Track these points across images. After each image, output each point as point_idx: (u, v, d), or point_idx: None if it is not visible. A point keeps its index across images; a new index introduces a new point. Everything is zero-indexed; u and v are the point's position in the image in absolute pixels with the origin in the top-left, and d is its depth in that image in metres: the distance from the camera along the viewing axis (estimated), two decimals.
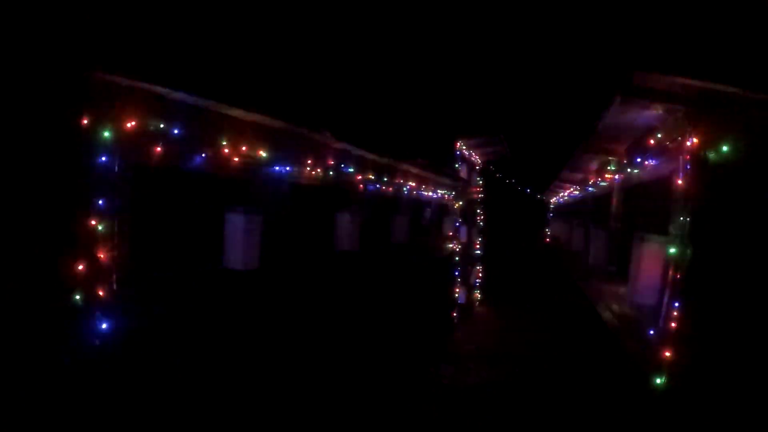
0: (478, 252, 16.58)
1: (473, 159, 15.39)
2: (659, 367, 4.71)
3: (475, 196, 16.22)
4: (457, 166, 13.67)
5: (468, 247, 15.17)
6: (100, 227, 3.56)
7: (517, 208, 28.23)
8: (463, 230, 14.42)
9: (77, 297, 3.53)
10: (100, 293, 3.59)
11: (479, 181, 16.83)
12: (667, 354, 4.67)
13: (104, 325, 3.57)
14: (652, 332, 4.99)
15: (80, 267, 3.52)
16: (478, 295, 16.23)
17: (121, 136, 3.64)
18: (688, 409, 4.49)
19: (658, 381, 4.69)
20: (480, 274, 16.55)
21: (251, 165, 5.23)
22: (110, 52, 3.66)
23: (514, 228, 27.41)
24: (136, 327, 3.82)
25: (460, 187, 13.83)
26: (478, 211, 16.88)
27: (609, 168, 9.08)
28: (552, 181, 19.61)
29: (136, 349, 3.82)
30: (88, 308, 3.55)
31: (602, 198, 11.40)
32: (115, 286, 3.67)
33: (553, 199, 25.02)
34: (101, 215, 3.57)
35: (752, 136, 4.44)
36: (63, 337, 3.51)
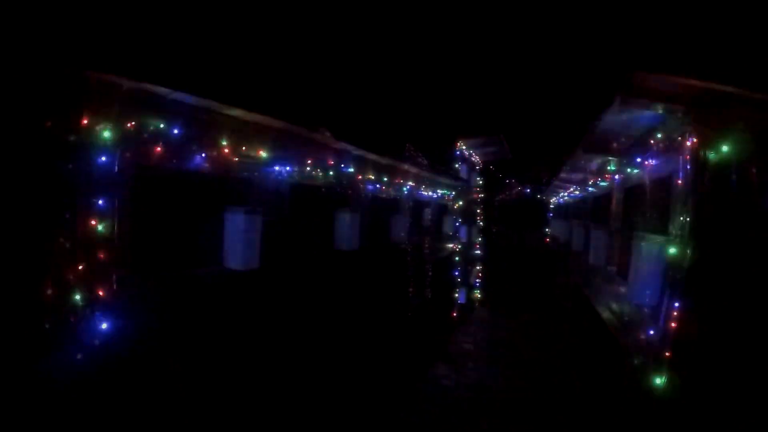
0: (478, 252, 16.59)
1: (473, 159, 15.41)
2: (659, 367, 4.71)
3: (475, 196, 16.25)
4: (457, 166, 13.69)
5: (468, 247, 15.19)
6: (100, 227, 3.56)
7: (517, 208, 28.24)
8: (463, 230, 14.44)
9: (77, 297, 3.53)
10: (100, 293, 3.59)
11: (479, 181, 16.85)
12: (667, 354, 4.66)
13: (104, 325, 3.57)
14: (652, 332, 4.99)
15: (80, 267, 3.52)
16: (478, 295, 16.24)
17: (121, 136, 3.64)
18: (688, 409, 4.49)
19: (658, 381, 4.68)
20: (480, 274, 16.57)
21: (251, 165, 5.23)
22: (110, 52, 3.66)
23: (514, 228, 27.42)
24: (136, 327, 3.82)
25: (460, 187, 13.84)
26: (478, 211, 16.91)
27: (609, 168, 9.06)
28: (552, 181, 19.59)
29: (136, 349, 3.81)
30: (88, 308, 3.55)
31: (602, 198, 11.39)
32: (115, 286, 3.67)
33: (553, 199, 24.97)
34: (101, 215, 3.57)
35: (752, 136, 4.44)
36: (63, 336, 3.51)
